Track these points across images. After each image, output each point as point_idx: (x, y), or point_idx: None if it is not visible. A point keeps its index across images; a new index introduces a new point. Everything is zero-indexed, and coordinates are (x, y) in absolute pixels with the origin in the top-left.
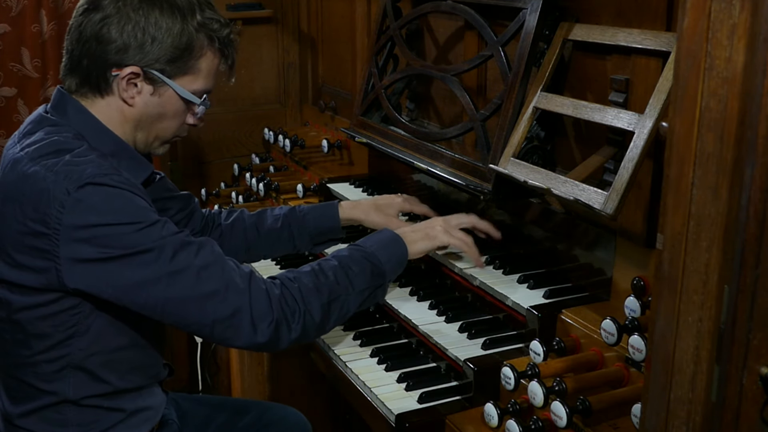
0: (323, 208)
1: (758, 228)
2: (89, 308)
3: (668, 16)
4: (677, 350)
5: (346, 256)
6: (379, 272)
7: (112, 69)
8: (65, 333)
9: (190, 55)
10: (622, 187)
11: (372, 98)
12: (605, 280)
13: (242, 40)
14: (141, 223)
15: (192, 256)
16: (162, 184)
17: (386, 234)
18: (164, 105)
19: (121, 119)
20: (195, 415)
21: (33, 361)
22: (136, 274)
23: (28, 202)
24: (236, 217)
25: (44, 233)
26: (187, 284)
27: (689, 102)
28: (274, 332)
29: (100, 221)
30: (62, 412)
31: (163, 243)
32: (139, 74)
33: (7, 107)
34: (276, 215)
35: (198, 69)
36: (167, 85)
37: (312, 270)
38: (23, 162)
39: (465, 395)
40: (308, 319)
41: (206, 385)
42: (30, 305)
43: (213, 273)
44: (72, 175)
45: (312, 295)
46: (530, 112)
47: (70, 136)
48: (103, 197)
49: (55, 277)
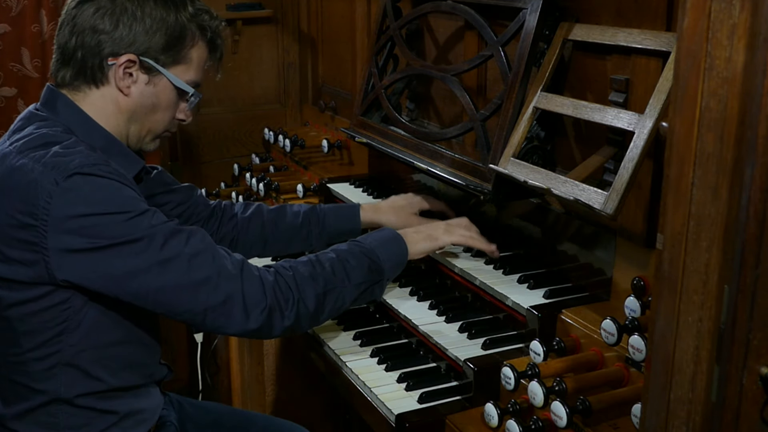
0: (344, 209)
1: (758, 228)
2: (80, 303)
3: (668, 16)
4: (677, 350)
5: (344, 250)
6: (377, 269)
7: (108, 58)
8: (56, 329)
9: (183, 45)
10: (622, 187)
11: (372, 98)
12: (605, 280)
13: (242, 40)
14: (130, 213)
15: (182, 244)
16: (159, 179)
17: (387, 232)
18: (158, 95)
19: (115, 111)
20: (199, 421)
21: (23, 360)
22: (126, 263)
23: (17, 194)
24: (254, 210)
25: (32, 225)
26: (178, 272)
27: (689, 102)
28: (267, 319)
29: (89, 211)
30: (54, 414)
31: (153, 232)
32: (135, 62)
33: (7, 107)
34: (296, 211)
35: (190, 59)
36: (162, 74)
37: (309, 260)
38: (11, 155)
39: (465, 395)
40: (302, 308)
41: (206, 385)
42: (20, 301)
43: (204, 260)
44: (60, 165)
45: (307, 283)
46: (530, 112)
47: (59, 130)
48: (92, 187)
49: (44, 270)
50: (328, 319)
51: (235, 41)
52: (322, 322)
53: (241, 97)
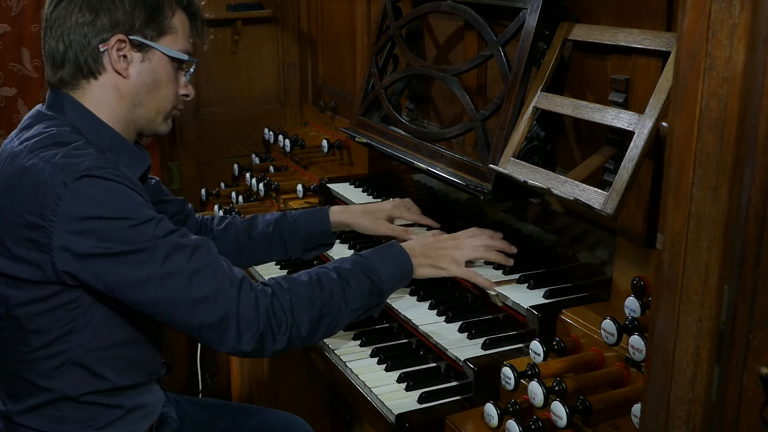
0: (314, 212)
1: (758, 228)
2: (87, 303)
3: (668, 16)
4: (677, 350)
5: (346, 270)
6: (378, 291)
7: (99, 46)
8: (64, 329)
9: (164, 14)
10: (622, 187)
11: (372, 98)
12: (605, 280)
13: (242, 40)
14: (135, 219)
15: (185, 260)
16: (157, 188)
17: (393, 249)
18: (156, 70)
19: (118, 98)
20: (197, 417)
21: (32, 358)
22: (127, 272)
23: (26, 194)
24: (228, 222)
25: (40, 225)
26: (177, 288)
27: (689, 102)
28: (259, 342)
29: (95, 214)
30: (61, 409)
31: (156, 244)
32: (126, 42)
33: (7, 107)
34: (267, 220)
35: (174, 27)
36: (154, 48)
37: (309, 280)
38: (22, 155)
39: (465, 395)
40: (294, 333)
41: (206, 385)
42: (28, 300)
43: (204, 278)
44: (69, 167)
45: (302, 308)
46: (530, 112)
47: (67, 130)
48: (100, 190)
49: (51, 270)
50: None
51: (235, 41)
52: (314, 342)
53: (241, 97)
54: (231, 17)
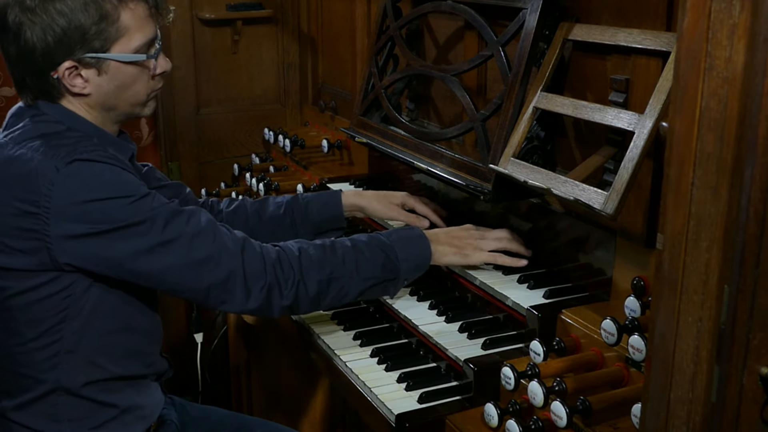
0: (327, 196)
1: (758, 228)
2: (81, 290)
3: (668, 16)
4: (677, 350)
5: (362, 241)
6: (393, 267)
7: (51, 73)
8: (57, 317)
9: (108, 21)
10: (622, 187)
11: (372, 98)
12: (605, 280)
13: (242, 40)
14: (132, 197)
15: (183, 224)
16: (151, 174)
17: (412, 232)
18: (116, 77)
19: (88, 109)
20: (201, 424)
21: (26, 350)
22: (128, 246)
23: (16, 183)
24: (238, 204)
25: (34, 212)
26: (180, 252)
27: (689, 102)
28: (267, 296)
29: (91, 197)
30: (55, 404)
31: (154, 214)
32: (75, 65)
33: (7, 107)
34: (279, 202)
35: (125, 28)
36: (108, 60)
37: (322, 244)
38: (8, 146)
39: (465, 395)
40: (301, 290)
41: (206, 385)
42: (21, 290)
43: (205, 239)
44: (59, 153)
45: (312, 267)
46: (530, 112)
47: (52, 122)
48: (92, 172)
49: (47, 256)
50: (332, 308)
51: (235, 41)
52: (324, 308)
53: (241, 97)
54: (231, 17)
